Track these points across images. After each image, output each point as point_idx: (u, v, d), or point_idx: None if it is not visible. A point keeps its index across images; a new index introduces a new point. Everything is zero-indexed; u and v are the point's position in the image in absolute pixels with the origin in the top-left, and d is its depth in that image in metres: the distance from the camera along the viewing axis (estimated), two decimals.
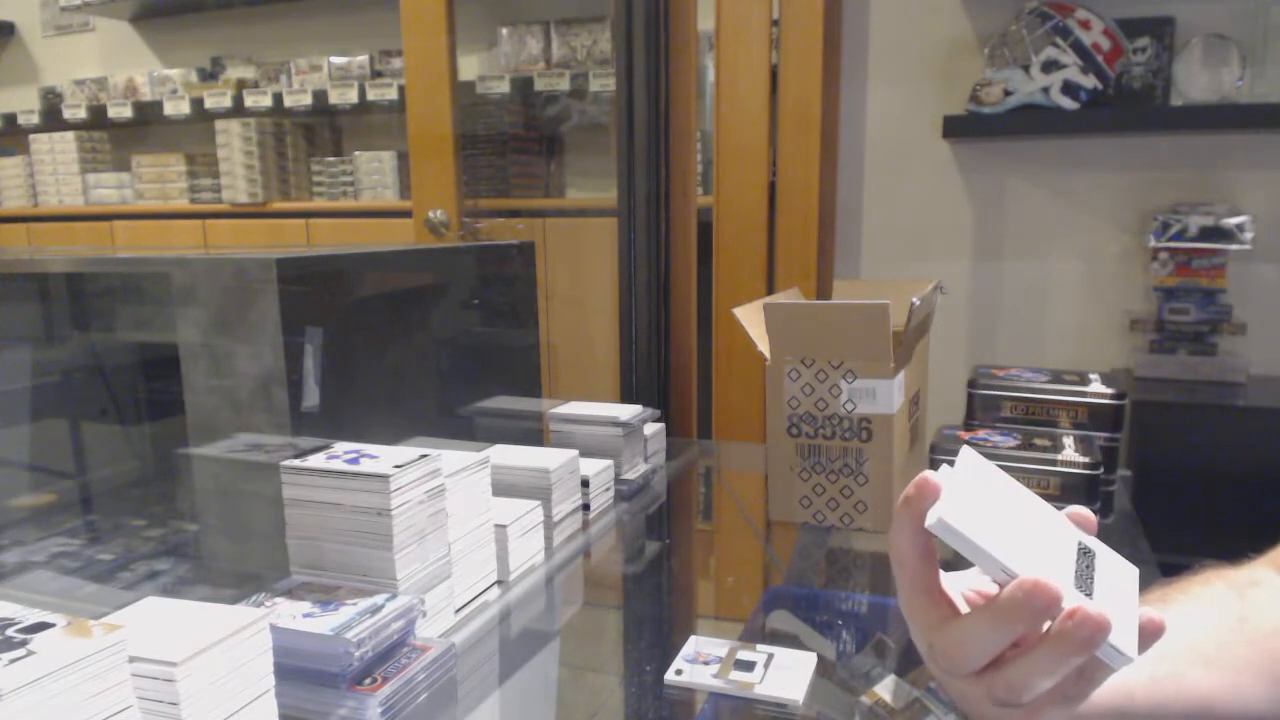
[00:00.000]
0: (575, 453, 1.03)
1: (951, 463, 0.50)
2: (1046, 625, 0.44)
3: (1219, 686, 0.53)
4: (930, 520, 0.45)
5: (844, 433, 1.02)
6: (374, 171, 2.76)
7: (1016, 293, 2.09)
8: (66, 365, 1.20)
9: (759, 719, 0.68)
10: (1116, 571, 0.48)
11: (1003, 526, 0.46)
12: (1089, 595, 0.44)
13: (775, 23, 1.89)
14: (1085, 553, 0.48)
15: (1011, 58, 1.88)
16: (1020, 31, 1.87)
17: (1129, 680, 0.51)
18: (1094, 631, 0.42)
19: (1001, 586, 0.45)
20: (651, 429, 1.25)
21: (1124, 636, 0.43)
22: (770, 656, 0.73)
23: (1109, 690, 0.49)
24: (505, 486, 0.97)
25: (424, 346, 1.11)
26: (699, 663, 0.73)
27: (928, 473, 0.47)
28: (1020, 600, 0.42)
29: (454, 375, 1.17)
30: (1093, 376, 1.15)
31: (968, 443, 1.03)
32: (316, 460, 0.74)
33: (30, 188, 3.23)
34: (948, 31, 2.05)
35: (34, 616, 0.49)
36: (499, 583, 0.87)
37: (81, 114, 3.12)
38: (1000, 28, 1.94)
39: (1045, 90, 1.84)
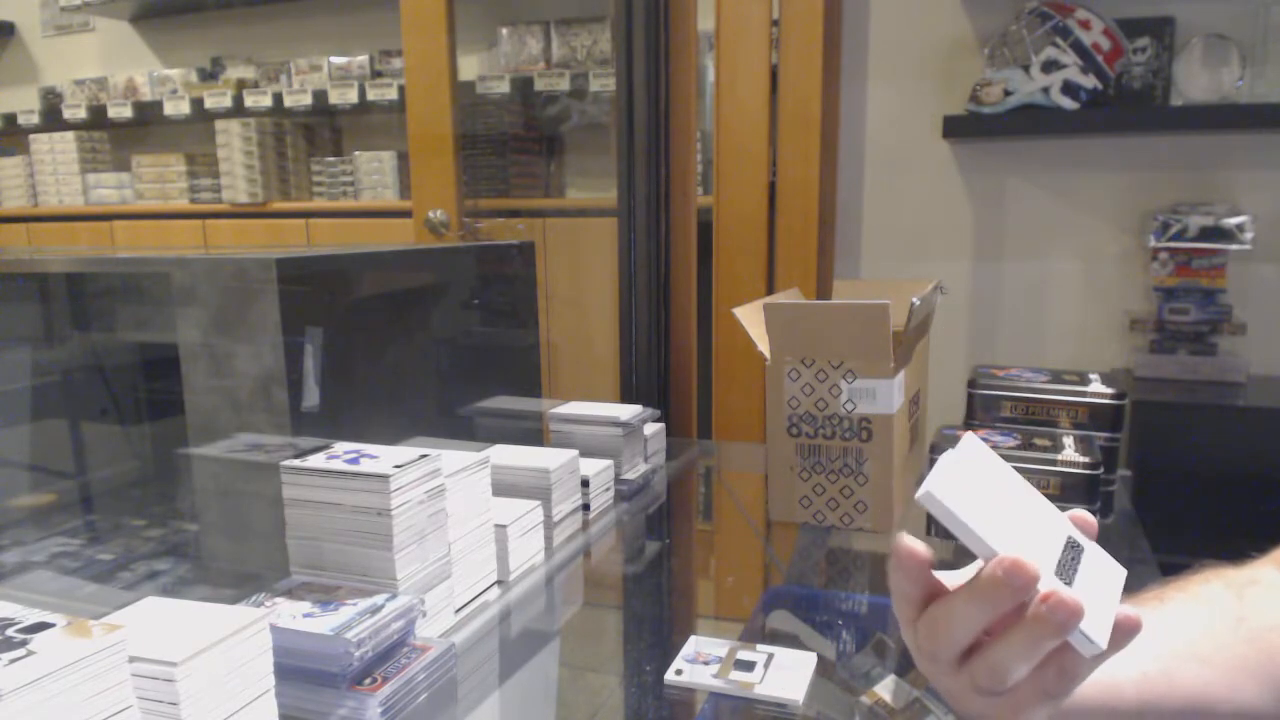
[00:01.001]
0: (575, 453, 1.03)
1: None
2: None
3: (1213, 684, 0.53)
4: (920, 492, 0.46)
5: (844, 433, 1.02)
6: (374, 171, 2.76)
7: (1016, 293, 2.09)
8: (66, 365, 1.20)
9: (759, 719, 0.68)
10: (1102, 569, 0.49)
11: (991, 508, 0.47)
12: (1068, 584, 0.46)
13: (775, 23, 1.89)
14: (1073, 546, 0.49)
15: (1011, 58, 1.88)
16: (1020, 31, 1.87)
17: (1118, 677, 0.51)
18: (1068, 616, 0.42)
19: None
20: (651, 429, 1.25)
21: (1096, 625, 0.44)
22: (770, 656, 0.73)
23: (1097, 687, 0.49)
24: (505, 486, 0.97)
25: (424, 346, 1.11)
26: (699, 663, 0.73)
27: (907, 539, 0.48)
28: (999, 578, 0.43)
29: (454, 375, 1.17)
30: (1093, 376, 1.15)
31: None
32: (316, 460, 0.74)
33: (30, 188, 3.23)
34: (948, 31, 2.05)
35: (34, 616, 0.49)
36: (499, 583, 0.87)
37: (81, 114, 3.12)
38: (1000, 28, 1.94)
39: (1045, 90, 1.84)
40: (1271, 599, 0.57)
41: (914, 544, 0.47)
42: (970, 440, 0.51)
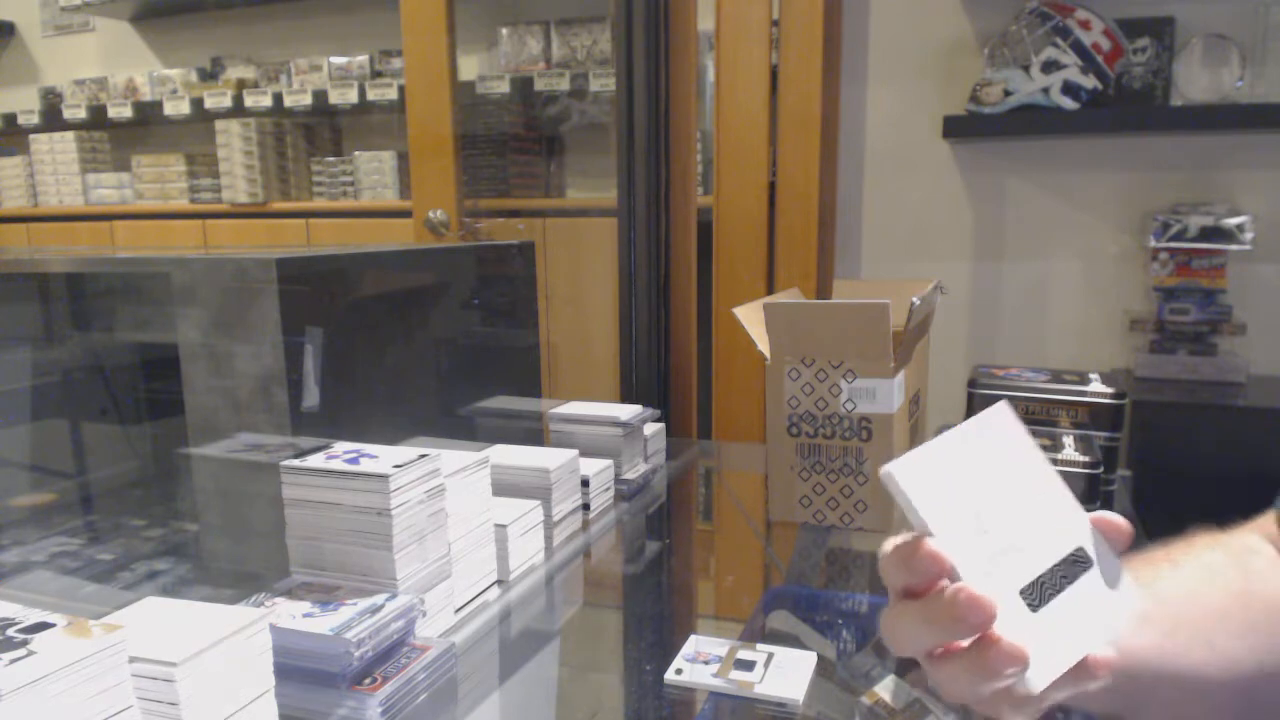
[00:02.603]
0: (575, 453, 1.03)
1: None
2: None
3: (1212, 660, 0.51)
4: (882, 470, 0.41)
5: (844, 432, 1.02)
6: (374, 171, 2.76)
7: (1016, 293, 2.09)
8: (66, 365, 1.20)
9: (759, 719, 0.68)
10: (1099, 593, 0.43)
11: (975, 501, 0.41)
12: (1035, 607, 0.41)
13: (775, 23, 1.89)
14: (1075, 561, 0.43)
15: (1011, 58, 1.88)
16: (1020, 31, 1.87)
17: (1132, 645, 0.47)
18: (1008, 664, 0.40)
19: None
20: (651, 429, 1.25)
21: (1041, 668, 0.40)
22: (770, 656, 0.73)
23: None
24: (505, 486, 0.97)
25: (424, 346, 1.11)
26: (699, 662, 0.73)
27: (931, 544, 0.41)
28: (954, 611, 0.40)
29: (454, 375, 1.17)
30: (1093, 376, 1.15)
31: None
32: (316, 460, 0.74)
33: (30, 188, 3.23)
34: (948, 31, 2.05)
35: (34, 616, 0.49)
36: (499, 582, 0.87)
37: (81, 114, 3.12)
38: (1000, 28, 1.94)
39: (1045, 90, 1.84)
40: (1274, 569, 0.56)
41: (938, 549, 0.41)
42: (1001, 410, 0.44)
